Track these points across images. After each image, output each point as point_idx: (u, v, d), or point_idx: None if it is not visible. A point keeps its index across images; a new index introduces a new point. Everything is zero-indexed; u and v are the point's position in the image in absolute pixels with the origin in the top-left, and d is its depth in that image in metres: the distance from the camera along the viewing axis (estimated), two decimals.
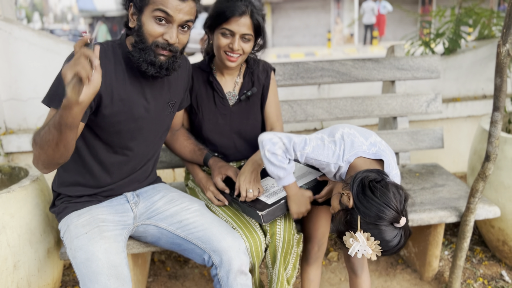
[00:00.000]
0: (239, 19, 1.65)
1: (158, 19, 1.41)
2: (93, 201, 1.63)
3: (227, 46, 1.69)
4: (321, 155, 1.50)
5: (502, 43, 1.71)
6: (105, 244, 1.47)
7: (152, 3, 1.40)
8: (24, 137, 2.77)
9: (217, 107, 1.86)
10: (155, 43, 1.44)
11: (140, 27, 1.44)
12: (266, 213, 1.55)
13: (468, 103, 3.27)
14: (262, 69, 1.91)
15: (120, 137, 1.57)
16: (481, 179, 1.89)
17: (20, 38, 2.75)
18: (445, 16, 3.70)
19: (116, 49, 1.53)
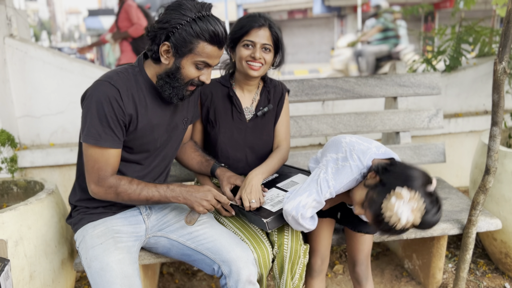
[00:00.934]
0: (259, 30, 1.79)
1: (198, 66, 1.55)
2: (108, 212, 1.70)
3: (249, 56, 1.80)
4: (344, 178, 1.53)
5: (499, 61, 1.78)
6: (119, 254, 1.54)
7: (197, 54, 1.52)
8: (37, 153, 2.86)
9: (234, 121, 1.94)
10: (190, 82, 1.58)
11: (178, 69, 1.54)
12: (270, 220, 1.61)
13: (470, 118, 3.33)
14: (278, 89, 2.02)
15: (139, 154, 1.67)
16: (481, 191, 1.94)
17: (35, 57, 2.86)
18: (446, 34, 3.80)
19: (137, 76, 1.61)
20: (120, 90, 1.53)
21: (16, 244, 1.73)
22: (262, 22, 1.79)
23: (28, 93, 2.89)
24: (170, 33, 1.50)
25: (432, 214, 1.37)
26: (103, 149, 1.53)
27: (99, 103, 1.50)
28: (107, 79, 1.54)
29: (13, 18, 2.87)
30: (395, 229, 1.37)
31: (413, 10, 4.68)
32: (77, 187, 1.73)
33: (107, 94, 1.51)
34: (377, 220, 1.40)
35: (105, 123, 1.51)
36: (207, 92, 1.93)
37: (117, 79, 1.55)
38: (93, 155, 1.54)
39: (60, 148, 2.90)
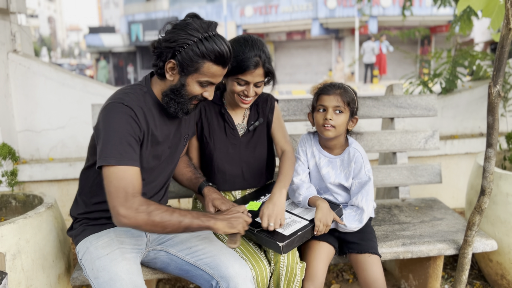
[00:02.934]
0: (254, 71, 1.80)
1: (202, 84, 1.60)
2: (110, 223, 1.70)
3: (242, 92, 1.84)
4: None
5: (493, 84, 1.83)
6: (127, 265, 1.55)
7: (203, 73, 1.56)
8: (36, 167, 2.87)
9: (228, 137, 1.98)
10: (194, 97, 1.62)
11: (183, 86, 1.59)
12: (285, 244, 1.63)
13: (466, 140, 3.38)
14: (265, 101, 2.05)
15: (144, 169, 1.67)
16: (477, 212, 1.96)
17: (37, 72, 2.90)
18: (442, 58, 3.88)
19: (146, 96, 1.64)
20: (134, 109, 1.55)
21: (14, 258, 1.73)
22: (257, 61, 1.78)
23: (30, 108, 2.92)
24: (177, 51, 1.53)
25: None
26: (126, 168, 1.48)
27: (116, 124, 1.51)
28: (119, 101, 1.55)
29: (17, 34, 2.92)
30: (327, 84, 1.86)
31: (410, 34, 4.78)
32: (79, 200, 1.75)
33: (123, 113, 1.52)
34: (321, 89, 1.86)
35: (125, 142, 1.51)
36: (201, 109, 1.98)
37: (129, 100, 1.57)
38: (116, 176, 1.47)
39: (59, 163, 2.91)
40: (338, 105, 1.82)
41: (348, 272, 2.70)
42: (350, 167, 1.88)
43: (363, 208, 1.84)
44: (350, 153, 1.89)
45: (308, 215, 1.79)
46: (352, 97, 1.86)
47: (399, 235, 2.11)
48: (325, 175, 1.92)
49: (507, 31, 1.75)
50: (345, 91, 1.85)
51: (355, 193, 1.86)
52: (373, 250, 1.84)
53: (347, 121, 1.87)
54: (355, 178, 1.87)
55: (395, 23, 20.00)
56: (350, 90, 1.88)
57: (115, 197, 1.45)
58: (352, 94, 1.87)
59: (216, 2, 22.85)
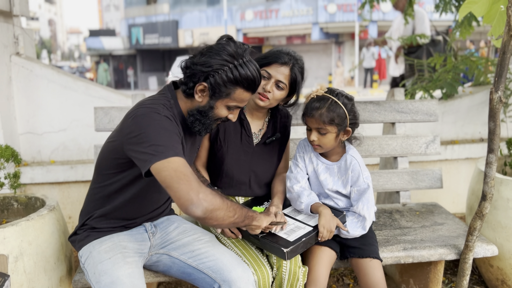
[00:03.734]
0: (280, 67, 1.83)
1: (229, 107, 1.62)
2: (115, 230, 1.72)
3: (261, 87, 1.85)
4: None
5: (495, 90, 1.84)
6: (128, 269, 1.56)
7: (233, 99, 1.59)
8: (38, 169, 2.87)
9: (242, 144, 1.98)
10: (220, 119, 1.65)
11: (212, 108, 1.60)
12: (290, 250, 1.63)
13: (466, 145, 3.39)
14: (286, 118, 2.09)
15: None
16: (478, 217, 1.97)
17: (40, 75, 2.91)
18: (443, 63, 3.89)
19: (173, 109, 1.62)
20: (169, 118, 1.54)
21: (16, 260, 1.73)
22: (286, 60, 1.83)
23: (32, 111, 2.93)
24: (210, 76, 1.54)
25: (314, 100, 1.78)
26: (184, 160, 1.43)
27: (160, 122, 1.47)
28: (155, 111, 1.51)
29: (20, 37, 2.94)
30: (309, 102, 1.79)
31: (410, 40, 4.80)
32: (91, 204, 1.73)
33: (165, 115, 1.51)
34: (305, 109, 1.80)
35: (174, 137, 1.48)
36: None
37: (164, 110, 1.54)
38: (180, 165, 1.39)
39: (60, 165, 2.92)
40: (319, 127, 1.78)
41: (349, 276, 2.70)
42: (347, 174, 1.87)
43: (364, 216, 1.84)
44: (347, 160, 1.87)
45: (311, 221, 1.80)
46: (338, 113, 1.76)
47: (400, 239, 2.11)
48: (323, 182, 1.91)
49: (508, 37, 1.76)
50: (328, 110, 1.75)
51: (355, 201, 1.86)
52: (374, 254, 1.84)
53: (336, 136, 1.81)
54: (354, 185, 1.87)
55: None
56: (335, 106, 1.76)
57: (187, 185, 1.36)
58: (339, 109, 1.76)
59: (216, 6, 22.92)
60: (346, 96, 1.82)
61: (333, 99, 1.77)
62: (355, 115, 1.83)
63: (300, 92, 1.93)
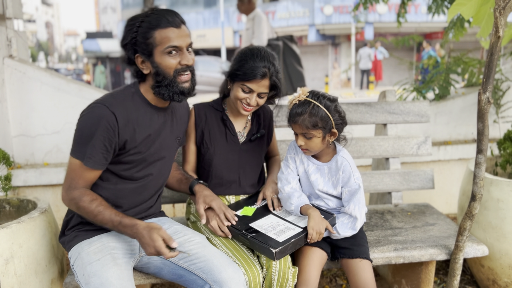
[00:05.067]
0: (260, 81, 1.84)
1: (170, 53, 1.60)
2: (103, 229, 1.72)
3: (245, 100, 1.88)
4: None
5: (483, 91, 1.85)
6: (117, 270, 1.56)
7: (159, 43, 1.59)
8: (31, 172, 2.87)
9: (228, 143, 2.01)
10: (175, 72, 1.63)
11: (158, 67, 1.61)
12: (279, 251, 1.64)
13: (459, 146, 3.40)
14: (266, 114, 2.12)
15: (136, 170, 1.72)
16: (468, 218, 1.98)
17: (33, 77, 2.91)
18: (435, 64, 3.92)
19: (134, 97, 1.68)
20: (116, 115, 1.59)
21: (6, 262, 1.73)
22: (265, 72, 1.83)
23: (25, 113, 2.93)
24: (133, 45, 1.59)
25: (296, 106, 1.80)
26: (85, 167, 1.60)
27: (92, 125, 1.57)
28: (104, 103, 1.59)
29: (13, 40, 2.94)
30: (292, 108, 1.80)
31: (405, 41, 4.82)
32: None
33: (101, 117, 1.57)
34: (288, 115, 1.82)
35: (93, 145, 1.57)
36: (202, 115, 2.00)
37: (114, 103, 1.60)
38: (72, 166, 1.60)
39: (54, 167, 2.92)
40: (304, 132, 1.79)
41: (342, 277, 2.71)
42: (338, 175, 1.88)
43: (356, 216, 1.84)
44: (338, 161, 1.88)
45: (301, 222, 1.80)
46: (321, 116, 1.76)
47: (391, 240, 2.12)
48: (314, 182, 1.92)
49: (496, 39, 1.78)
50: (310, 115, 1.76)
51: (347, 201, 1.87)
52: (364, 255, 1.85)
53: (322, 139, 1.81)
54: (345, 186, 1.87)
55: (391, 30, 20.14)
56: (317, 110, 1.76)
57: (64, 181, 1.63)
58: (321, 112, 1.76)
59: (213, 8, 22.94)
60: (329, 98, 1.81)
61: (314, 103, 1.77)
62: (340, 115, 1.83)
63: (281, 90, 1.95)
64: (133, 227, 1.56)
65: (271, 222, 1.81)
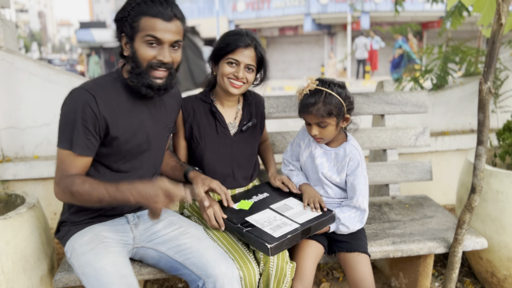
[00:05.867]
0: (244, 50, 1.80)
1: (149, 43, 1.54)
2: (94, 221, 1.69)
3: (232, 74, 1.82)
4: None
5: (484, 81, 1.80)
6: (111, 257, 1.54)
7: (142, 30, 1.53)
8: (21, 165, 2.81)
9: (219, 136, 1.94)
10: (149, 64, 1.56)
11: (134, 53, 1.56)
12: (274, 246, 1.59)
13: (457, 137, 3.36)
14: (258, 102, 2.06)
15: (125, 161, 1.67)
16: (467, 210, 1.94)
17: (21, 68, 2.83)
18: (433, 54, 3.86)
19: (116, 82, 1.63)
20: (95, 96, 1.54)
21: None
22: (249, 42, 1.81)
23: (13, 105, 2.85)
24: (122, 24, 1.55)
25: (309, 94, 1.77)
26: (68, 153, 1.53)
27: (72, 110, 1.52)
28: (82, 86, 1.56)
29: (0, 29, 2.85)
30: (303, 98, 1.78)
31: (402, 30, 4.75)
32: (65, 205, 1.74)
33: (81, 100, 1.52)
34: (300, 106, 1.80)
35: (77, 130, 1.52)
36: (189, 109, 1.93)
37: (93, 86, 1.56)
38: (61, 157, 1.54)
39: (44, 160, 2.85)
40: (319, 122, 1.77)
41: (338, 270, 2.67)
42: (344, 162, 1.85)
43: (365, 209, 1.83)
44: (346, 149, 1.86)
45: (299, 218, 1.75)
46: (334, 104, 1.75)
47: (389, 233, 2.08)
48: (319, 165, 1.90)
49: (498, 26, 1.72)
50: (324, 103, 1.74)
51: (353, 193, 1.84)
52: (362, 249, 1.82)
53: (336, 125, 1.81)
54: (351, 175, 1.85)
55: (387, 19, 20.00)
56: (330, 98, 1.75)
57: (55, 175, 1.55)
58: (334, 100, 1.75)
59: None
60: (339, 84, 1.81)
61: (326, 91, 1.76)
62: (350, 101, 1.83)
63: (267, 69, 1.91)
64: (132, 185, 1.44)
65: (268, 216, 1.76)
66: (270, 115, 2.36)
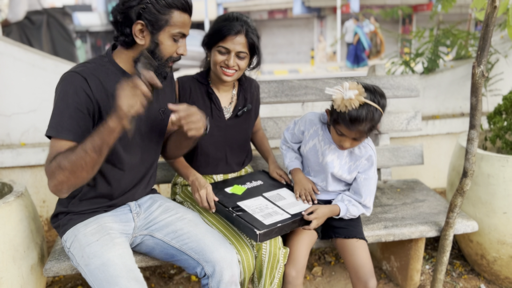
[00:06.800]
0: (235, 37, 1.75)
1: (175, 38, 1.52)
2: (98, 211, 1.66)
3: (223, 62, 1.79)
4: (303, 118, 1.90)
5: (477, 64, 1.79)
6: (119, 249, 1.52)
7: (173, 25, 1.49)
8: (7, 153, 2.75)
9: (214, 119, 1.92)
10: (171, 58, 1.54)
11: (157, 46, 1.50)
12: (263, 233, 1.58)
13: (447, 120, 3.37)
14: (253, 87, 2.03)
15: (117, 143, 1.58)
16: (459, 194, 1.95)
17: (5, 53, 2.75)
18: (424, 37, 3.84)
19: (107, 65, 1.57)
20: (87, 78, 1.48)
21: None
22: (239, 29, 1.75)
23: None
24: (141, 9, 1.45)
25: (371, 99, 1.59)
26: (62, 141, 1.44)
27: (65, 94, 1.45)
28: (73, 70, 1.50)
29: None
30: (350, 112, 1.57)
31: (392, 13, 4.71)
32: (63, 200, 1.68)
33: (72, 83, 1.46)
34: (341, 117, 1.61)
35: (69, 113, 1.44)
36: (186, 87, 1.90)
37: (84, 69, 1.50)
38: (52, 146, 1.45)
39: (31, 148, 2.80)
40: (358, 137, 1.66)
41: (330, 254, 2.69)
42: (359, 162, 1.78)
43: (370, 207, 1.84)
44: (362, 149, 1.77)
45: (291, 209, 1.74)
46: (378, 119, 1.62)
47: (381, 218, 2.09)
48: (329, 164, 1.80)
49: (492, 9, 1.70)
50: (371, 121, 1.59)
51: (362, 191, 1.80)
52: (360, 235, 1.82)
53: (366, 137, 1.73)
54: (362, 173, 1.80)
55: (377, 2, 19.88)
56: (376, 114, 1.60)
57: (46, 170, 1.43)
58: (379, 116, 1.62)
59: None
60: (381, 94, 1.64)
61: (374, 107, 1.60)
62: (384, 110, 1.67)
63: (260, 53, 1.88)
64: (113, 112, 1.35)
65: (260, 204, 1.75)
66: (262, 100, 2.34)
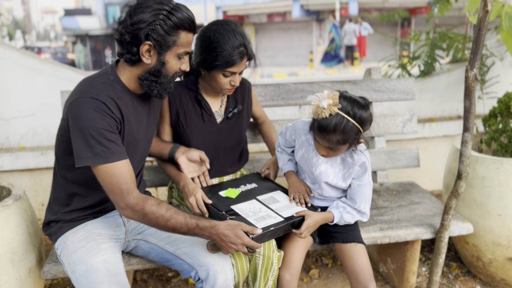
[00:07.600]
0: (241, 62, 1.77)
1: (179, 56, 1.55)
2: (88, 218, 1.68)
3: (229, 84, 1.81)
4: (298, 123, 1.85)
5: (470, 67, 1.81)
6: (103, 255, 1.53)
7: (180, 45, 1.52)
8: (6, 156, 2.77)
9: (205, 124, 1.93)
10: (175, 74, 1.58)
11: (163, 65, 1.53)
12: (256, 237, 1.58)
13: (444, 123, 3.39)
14: (243, 88, 2.03)
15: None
16: (454, 196, 1.97)
17: (4, 57, 2.78)
18: (420, 40, 3.86)
19: (114, 85, 1.55)
20: (105, 102, 1.47)
21: None
22: (242, 52, 1.75)
23: None
24: (150, 31, 1.46)
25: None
26: (113, 165, 1.45)
27: (91, 121, 1.43)
28: (87, 95, 1.46)
29: None
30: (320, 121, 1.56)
31: (390, 16, 4.74)
32: (52, 202, 1.71)
33: (94, 109, 1.44)
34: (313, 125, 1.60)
35: (104, 138, 1.44)
36: (176, 94, 1.91)
37: (97, 92, 1.47)
38: (107, 173, 1.44)
39: (30, 151, 2.82)
40: (331, 147, 1.62)
41: (327, 256, 2.70)
42: (352, 169, 1.74)
43: (366, 213, 1.80)
44: (355, 157, 1.71)
45: (284, 212, 1.75)
46: (352, 133, 1.57)
47: (377, 220, 2.11)
48: (323, 173, 1.76)
49: (484, 13, 1.72)
50: (342, 133, 1.55)
51: (357, 198, 1.77)
52: (358, 239, 1.82)
53: (348, 148, 1.66)
54: (357, 179, 1.76)
55: (375, 5, 19.95)
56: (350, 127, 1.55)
57: (112, 194, 1.47)
58: (353, 130, 1.56)
59: None
60: (361, 105, 1.58)
61: (347, 119, 1.54)
62: (370, 123, 1.63)
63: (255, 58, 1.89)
64: (213, 228, 1.49)
65: (253, 207, 1.76)
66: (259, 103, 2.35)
